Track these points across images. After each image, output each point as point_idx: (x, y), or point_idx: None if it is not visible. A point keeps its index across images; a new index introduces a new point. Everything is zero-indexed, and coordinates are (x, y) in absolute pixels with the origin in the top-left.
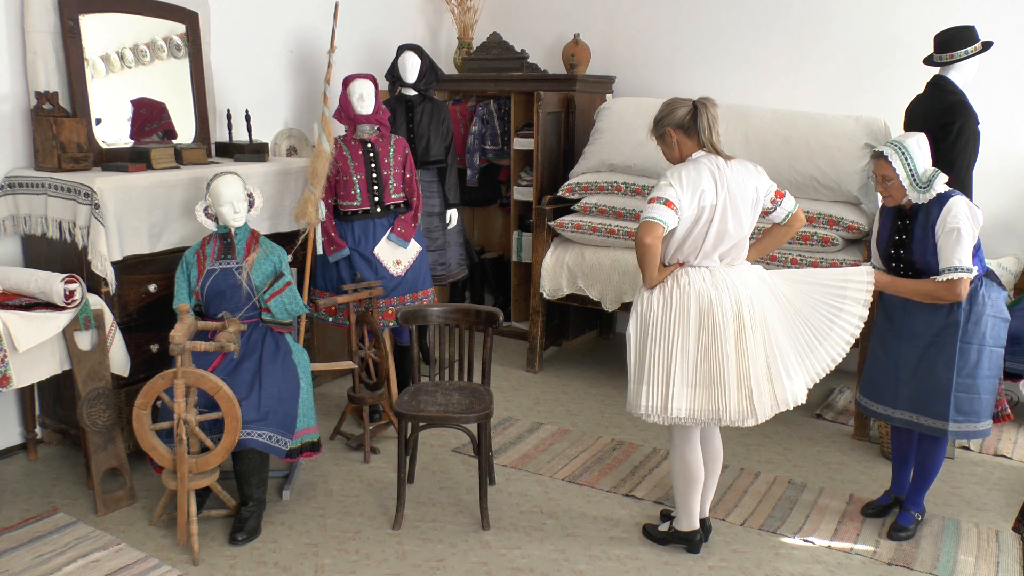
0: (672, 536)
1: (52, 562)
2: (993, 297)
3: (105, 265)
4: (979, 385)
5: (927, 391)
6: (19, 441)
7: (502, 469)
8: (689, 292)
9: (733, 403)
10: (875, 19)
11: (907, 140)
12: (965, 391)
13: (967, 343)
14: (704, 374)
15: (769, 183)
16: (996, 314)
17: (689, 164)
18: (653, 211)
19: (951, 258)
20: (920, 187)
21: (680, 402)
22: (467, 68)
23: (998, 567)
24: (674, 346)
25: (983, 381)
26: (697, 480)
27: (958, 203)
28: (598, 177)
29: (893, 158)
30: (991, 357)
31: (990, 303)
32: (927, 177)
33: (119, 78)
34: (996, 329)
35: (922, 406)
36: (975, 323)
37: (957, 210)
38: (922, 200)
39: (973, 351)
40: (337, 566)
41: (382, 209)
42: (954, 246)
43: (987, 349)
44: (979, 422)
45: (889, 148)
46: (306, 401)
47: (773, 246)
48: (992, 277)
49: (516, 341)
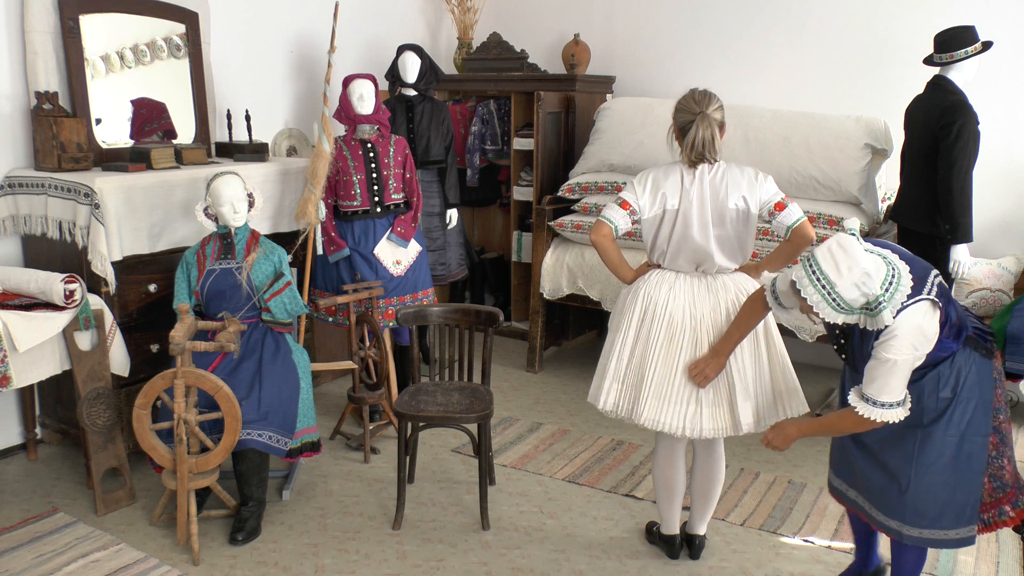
0: (655, 537)
1: (52, 562)
2: (974, 374)
3: (105, 265)
4: (952, 484)
5: (880, 485)
6: (19, 441)
7: (502, 469)
8: (640, 292)
9: (649, 407)
10: (875, 19)
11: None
12: (929, 490)
13: (930, 433)
14: (633, 372)
15: (770, 194)
16: (978, 395)
17: (663, 166)
18: (605, 210)
19: (873, 388)
20: (854, 314)
21: (608, 395)
22: (467, 68)
23: (998, 567)
24: (615, 340)
25: (959, 479)
26: (672, 488)
27: (904, 325)
28: (598, 177)
29: (804, 287)
30: (969, 450)
31: (968, 383)
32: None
33: (119, 78)
34: (979, 413)
35: (876, 497)
36: (944, 411)
37: (901, 335)
38: (867, 327)
39: (941, 443)
40: (337, 566)
41: (382, 209)
42: (883, 376)
43: (961, 440)
44: (950, 529)
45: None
46: (306, 401)
47: (779, 264)
48: (976, 345)
49: (516, 341)
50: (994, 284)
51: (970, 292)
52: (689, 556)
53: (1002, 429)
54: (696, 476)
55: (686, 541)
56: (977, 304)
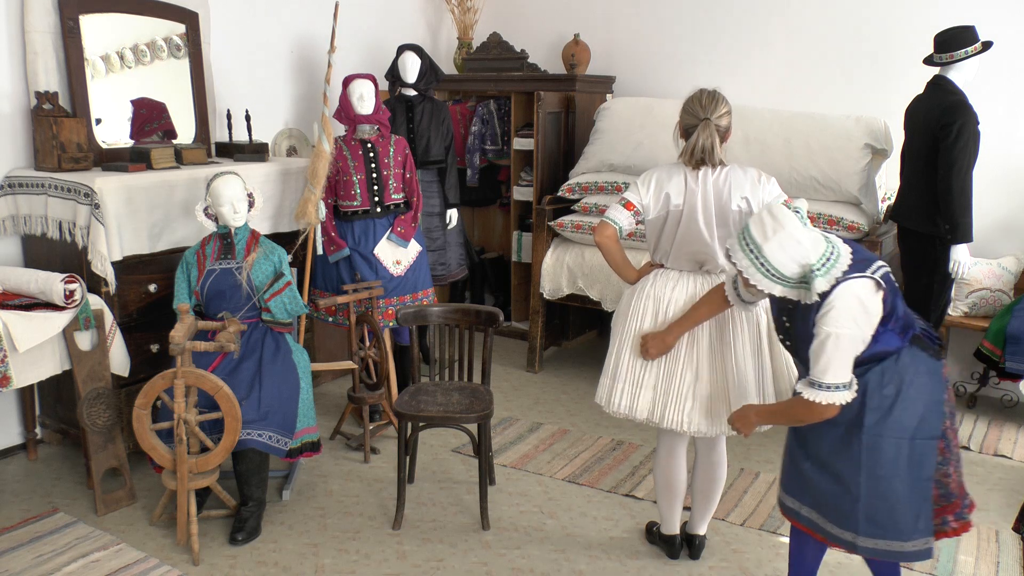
0: (655, 537)
1: (52, 562)
2: (921, 374)
3: (105, 265)
4: (901, 490)
5: (833, 495)
6: (19, 441)
7: (502, 469)
8: (643, 292)
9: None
10: (875, 19)
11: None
12: (882, 497)
13: (877, 435)
14: (638, 372)
15: (772, 196)
16: (926, 396)
17: (667, 166)
18: (609, 211)
19: (818, 368)
20: (789, 285)
21: (615, 396)
22: (467, 68)
23: (998, 567)
24: (621, 341)
25: (910, 484)
26: (672, 488)
27: (843, 296)
28: (598, 177)
29: (735, 252)
30: (918, 453)
31: (916, 383)
32: (801, 276)
33: (119, 78)
34: (928, 415)
35: (829, 509)
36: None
37: (840, 306)
38: (804, 300)
39: (888, 445)
40: (337, 566)
41: (382, 209)
42: (827, 354)
43: (909, 442)
44: (906, 540)
45: (734, 241)
46: (306, 401)
47: None
48: (923, 345)
49: (516, 341)
50: (994, 284)
51: (970, 292)
52: (689, 556)
53: (948, 436)
54: (697, 476)
55: (686, 541)
56: (977, 304)
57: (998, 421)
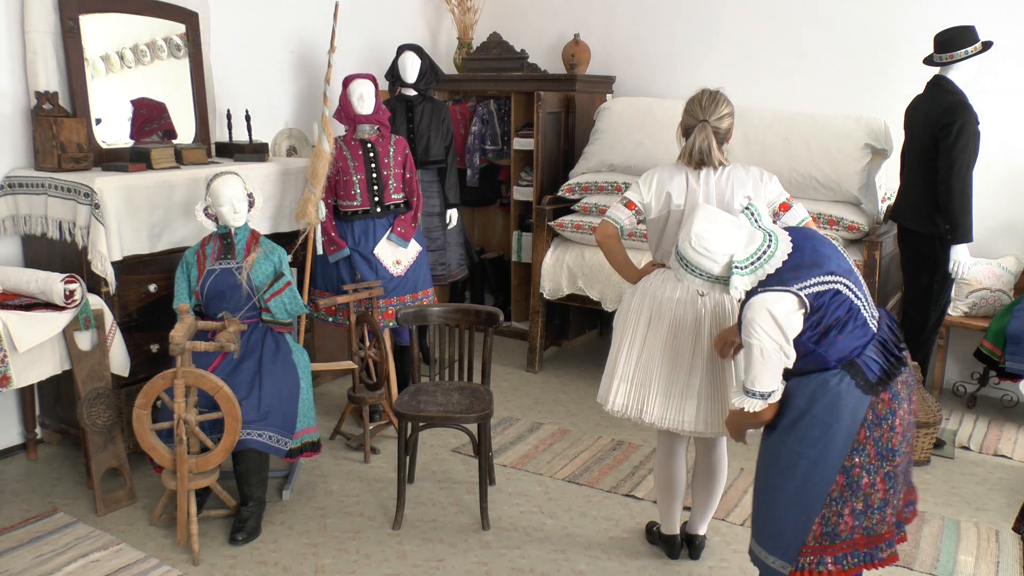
0: (655, 537)
1: (52, 562)
2: (845, 403)
3: (105, 265)
4: (784, 504)
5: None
6: (19, 441)
7: (502, 469)
8: (645, 292)
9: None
10: (875, 19)
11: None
12: (768, 503)
13: (779, 442)
14: (640, 372)
15: (775, 195)
16: (836, 425)
17: (668, 166)
18: (610, 211)
19: (747, 376)
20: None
21: (616, 396)
22: (467, 68)
23: (998, 567)
24: (622, 340)
25: (796, 503)
26: (672, 488)
27: (755, 307)
28: (598, 177)
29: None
30: (811, 478)
31: (829, 408)
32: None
33: (119, 78)
34: (830, 444)
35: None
36: (794, 422)
37: (751, 318)
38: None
39: (785, 455)
40: (337, 566)
41: (382, 209)
42: (751, 365)
43: (803, 462)
44: (770, 553)
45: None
46: (306, 401)
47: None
48: (857, 377)
49: (516, 341)
50: (994, 284)
51: (970, 292)
52: (689, 556)
53: (854, 475)
54: (698, 475)
55: (686, 541)
56: (977, 304)
57: (998, 421)
